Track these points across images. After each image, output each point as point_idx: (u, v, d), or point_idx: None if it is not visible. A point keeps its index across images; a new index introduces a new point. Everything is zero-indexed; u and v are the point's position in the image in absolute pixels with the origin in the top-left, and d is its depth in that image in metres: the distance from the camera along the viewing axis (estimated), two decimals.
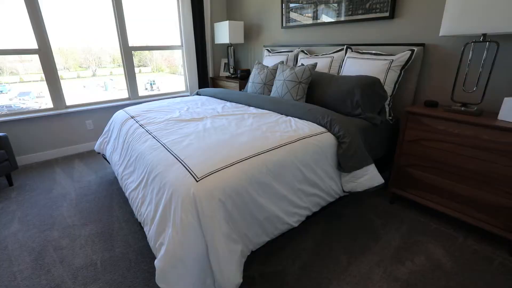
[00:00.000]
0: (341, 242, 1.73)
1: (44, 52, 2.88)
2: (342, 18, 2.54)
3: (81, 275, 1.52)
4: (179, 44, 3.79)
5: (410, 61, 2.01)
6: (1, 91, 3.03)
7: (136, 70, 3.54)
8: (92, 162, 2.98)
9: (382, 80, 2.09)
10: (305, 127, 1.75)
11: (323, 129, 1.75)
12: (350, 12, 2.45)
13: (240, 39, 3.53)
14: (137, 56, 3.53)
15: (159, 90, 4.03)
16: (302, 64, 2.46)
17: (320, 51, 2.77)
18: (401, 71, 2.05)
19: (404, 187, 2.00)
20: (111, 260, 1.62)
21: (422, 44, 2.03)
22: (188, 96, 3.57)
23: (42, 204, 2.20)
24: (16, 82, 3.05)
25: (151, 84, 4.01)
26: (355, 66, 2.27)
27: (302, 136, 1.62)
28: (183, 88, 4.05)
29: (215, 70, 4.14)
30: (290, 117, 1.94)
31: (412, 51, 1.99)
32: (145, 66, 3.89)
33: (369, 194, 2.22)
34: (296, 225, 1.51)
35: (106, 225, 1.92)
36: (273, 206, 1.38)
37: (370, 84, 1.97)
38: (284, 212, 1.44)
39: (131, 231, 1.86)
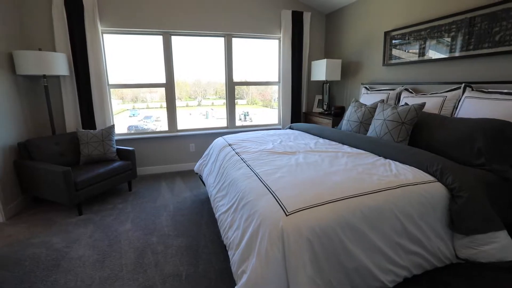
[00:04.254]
0: None
1: (169, 85, 3.55)
2: (457, 54, 2.26)
3: (168, 282, 1.66)
4: (277, 80, 4.07)
5: None
6: (134, 115, 3.87)
7: None
8: (190, 181, 3.37)
9: None
10: (408, 172, 1.55)
11: (431, 178, 1.51)
12: (471, 47, 2.16)
13: (336, 77, 3.55)
14: (235, 90, 3.95)
15: (251, 121, 4.36)
16: (406, 104, 2.26)
17: (429, 89, 2.50)
18: None
19: None
20: (194, 275, 1.72)
21: None
22: (280, 129, 3.72)
23: (148, 211, 2.57)
24: (143, 108, 3.88)
25: (245, 115, 4.38)
26: (477, 107, 1.93)
27: (405, 182, 1.44)
28: (275, 121, 4.26)
29: (308, 106, 4.22)
30: (390, 160, 1.77)
31: None
32: (241, 99, 4.31)
33: (495, 268, 1.73)
34: (390, 285, 1.30)
35: (194, 241, 2.08)
36: (364, 257, 1.23)
37: (498, 129, 1.63)
38: (377, 267, 1.26)
39: (215, 251, 1.96)
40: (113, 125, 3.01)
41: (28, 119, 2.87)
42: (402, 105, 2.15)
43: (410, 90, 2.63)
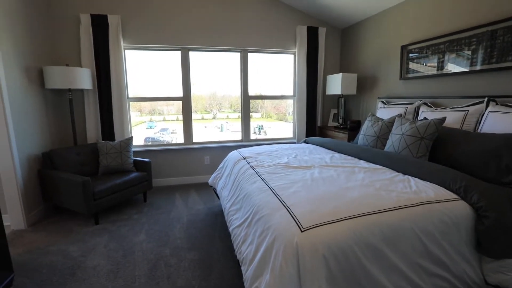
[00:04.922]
0: None
1: (186, 99, 3.64)
2: (478, 67, 2.20)
3: None
4: (292, 94, 4.09)
5: None
6: (151, 127, 3.97)
7: None
8: (204, 193, 3.38)
9: None
10: (428, 189, 1.49)
11: (454, 196, 1.44)
12: (494, 60, 2.09)
13: (352, 91, 3.52)
14: (250, 103, 4.00)
15: (265, 135, 4.36)
16: (425, 118, 2.20)
17: (449, 104, 2.43)
18: None
19: None
20: None
21: None
22: (295, 143, 3.70)
23: (162, 222, 2.58)
24: (160, 121, 3.99)
25: (259, 128, 4.40)
26: (503, 122, 1.85)
27: (426, 200, 1.38)
28: (290, 135, 4.25)
29: (324, 120, 4.20)
30: (409, 176, 1.70)
31: None
32: (256, 112, 4.34)
33: None
34: None
35: (207, 254, 2.06)
36: (383, 278, 1.17)
37: None
38: None
39: (227, 266, 1.92)
40: (131, 137, 3.09)
41: (53, 130, 3.01)
42: (421, 120, 2.09)
43: (429, 104, 2.56)
